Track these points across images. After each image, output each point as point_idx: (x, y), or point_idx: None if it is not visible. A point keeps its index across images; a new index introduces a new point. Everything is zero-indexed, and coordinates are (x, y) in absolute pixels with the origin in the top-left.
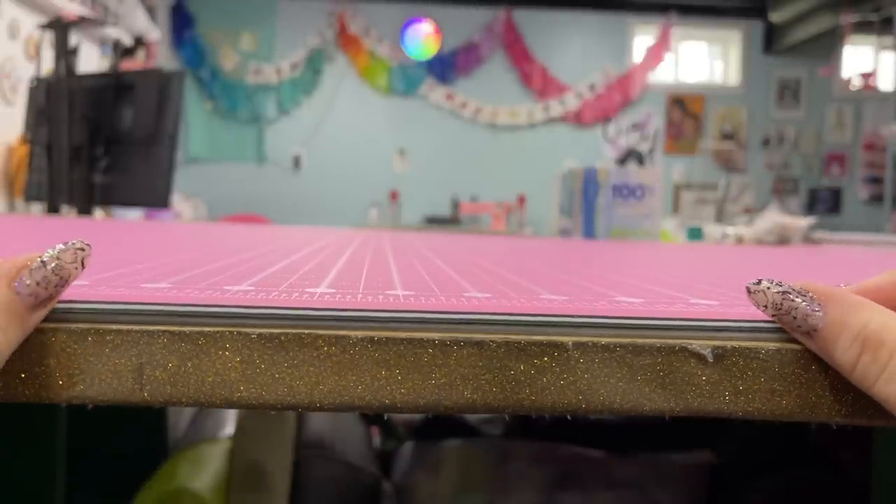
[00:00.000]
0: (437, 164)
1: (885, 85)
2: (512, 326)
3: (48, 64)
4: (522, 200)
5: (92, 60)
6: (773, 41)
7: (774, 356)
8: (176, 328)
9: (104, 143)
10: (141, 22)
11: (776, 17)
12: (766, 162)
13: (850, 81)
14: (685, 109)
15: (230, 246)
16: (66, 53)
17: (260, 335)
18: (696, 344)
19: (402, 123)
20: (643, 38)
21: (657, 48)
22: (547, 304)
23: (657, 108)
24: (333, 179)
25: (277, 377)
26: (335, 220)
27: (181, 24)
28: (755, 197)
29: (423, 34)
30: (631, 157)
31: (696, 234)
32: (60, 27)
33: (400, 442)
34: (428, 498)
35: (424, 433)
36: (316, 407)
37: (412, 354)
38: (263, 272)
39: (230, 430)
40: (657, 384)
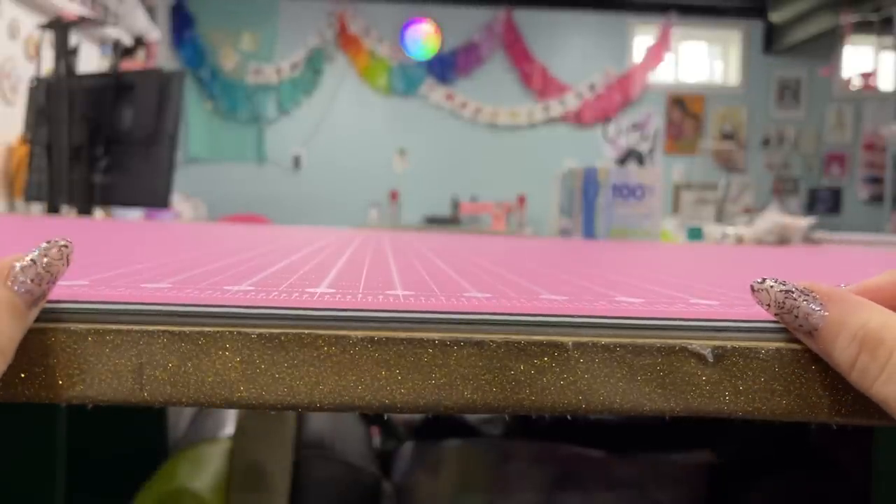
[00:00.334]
0: (437, 164)
1: (885, 85)
2: (512, 326)
3: (48, 64)
4: (522, 200)
5: (92, 60)
6: (773, 41)
7: (774, 356)
8: (176, 328)
9: (104, 143)
10: (141, 22)
11: (776, 17)
12: (766, 162)
13: (850, 81)
14: (685, 109)
15: (230, 246)
16: (66, 53)
17: (260, 335)
18: (696, 344)
19: (402, 123)
20: (643, 38)
21: (657, 48)
22: (547, 304)
23: (657, 108)
24: (333, 179)
25: (277, 377)
26: (335, 220)
27: (181, 24)
28: (755, 197)
29: (423, 34)
30: (631, 157)
31: (696, 234)
32: (60, 27)
33: (400, 442)
34: (428, 498)
35: (424, 433)
36: (316, 407)
37: (412, 354)
38: (263, 272)
39: (230, 430)
40: (657, 384)
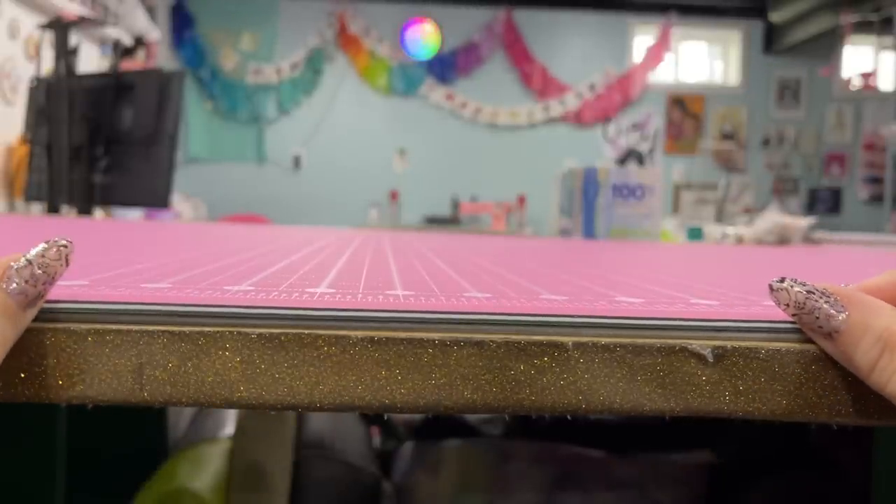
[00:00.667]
0: (437, 164)
1: (885, 85)
2: (512, 326)
3: (48, 64)
4: (522, 200)
5: (92, 60)
6: (773, 41)
7: (774, 356)
8: (176, 328)
9: (104, 143)
10: (141, 22)
11: (776, 17)
12: (766, 162)
13: (850, 81)
14: (685, 109)
15: (230, 246)
16: (66, 53)
17: (260, 335)
18: (696, 344)
19: (402, 123)
20: (643, 38)
21: (657, 48)
22: (547, 304)
23: (657, 108)
24: (333, 179)
25: (277, 377)
26: (335, 220)
27: (181, 24)
28: (755, 197)
29: (423, 34)
30: (631, 157)
31: (696, 234)
32: (60, 27)
33: (400, 442)
34: (428, 498)
35: (424, 433)
36: (316, 407)
37: (412, 354)
38: (263, 272)
39: (230, 430)
40: (657, 384)
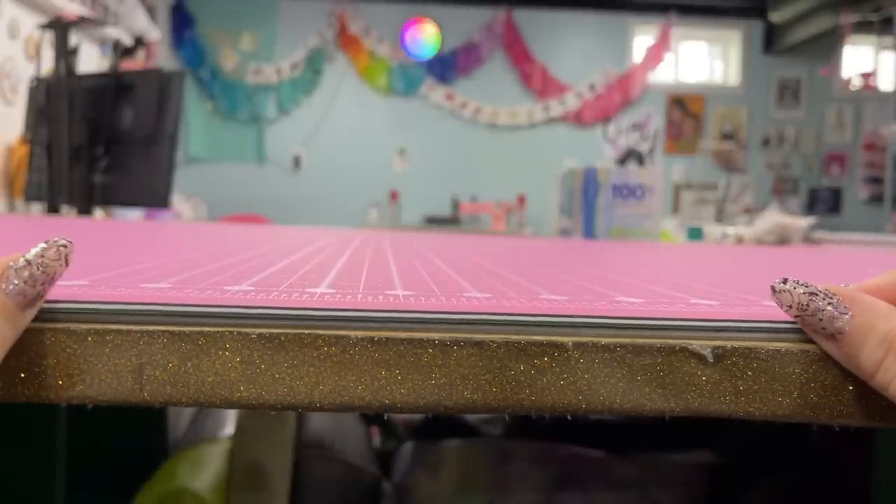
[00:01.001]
0: (437, 164)
1: (885, 85)
2: (512, 326)
3: (48, 64)
4: (522, 200)
5: (92, 60)
6: (773, 41)
7: (774, 356)
8: (176, 328)
9: (104, 143)
10: (141, 22)
11: (776, 17)
12: (766, 162)
13: (850, 81)
14: (685, 109)
15: (230, 246)
16: (66, 53)
17: (260, 335)
18: (696, 344)
19: (402, 123)
20: (643, 38)
21: (657, 48)
22: (547, 304)
23: (657, 108)
24: (333, 179)
25: (277, 377)
26: (335, 220)
27: (181, 24)
28: (755, 197)
29: (423, 34)
30: (631, 157)
31: (696, 234)
32: (60, 27)
33: (400, 442)
34: (428, 498)
35: (424, 433)
36: (316, 407)
37: (412, 354)
38: (263, 272)
39: (230, 430)
40: (657, 384)
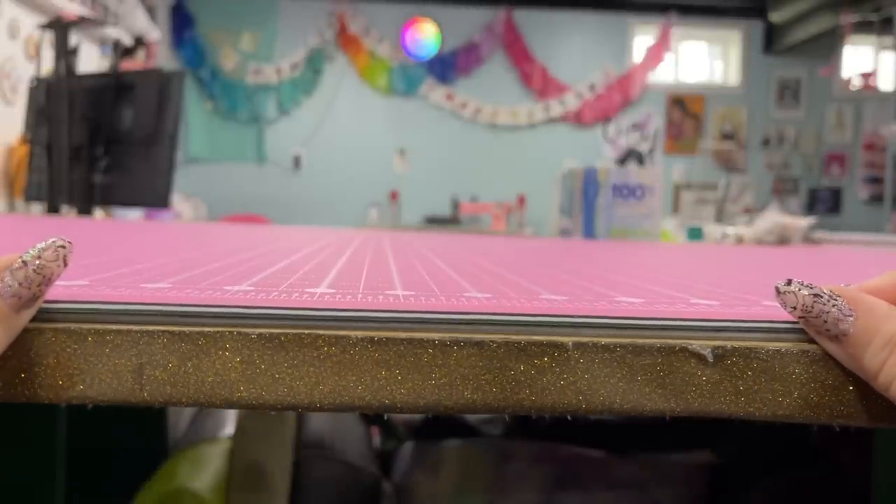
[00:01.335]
0: (437, 164)
1: (885, 85)
2: (512, 326)
3: (48, 64)
4: (522, 200)
5: (92, 60)
6: (773, 41)
7: (774, 356)
8: (176, 328)
9: (104, 143)
10: (141, 22)
11: (776, 17)
12: (766, 162)
13: (850, 81)
14: (685, 109)
15: (230, 246)
16: (66, 53)
17: (260, 335)
18: (696, 344)
19: (402, 123)
20: (643, 38)
21: (657, 48)
22: (547, 304)
23: (657, 108)
24: (333, 179)
25: (277, 377)
26: (335, 220)
27: (181, 24)
28: (755, 197)
29: (423, 34)
30: (631, 157)
31: (696, 234)
32: (60, 27)
33: (400, 442)
34: (428, 498)
35: (424, 433)
36: (316, 407)
37: (412, 354)
38: (263, 272)
39: (230, 430)
40: (657, 384)
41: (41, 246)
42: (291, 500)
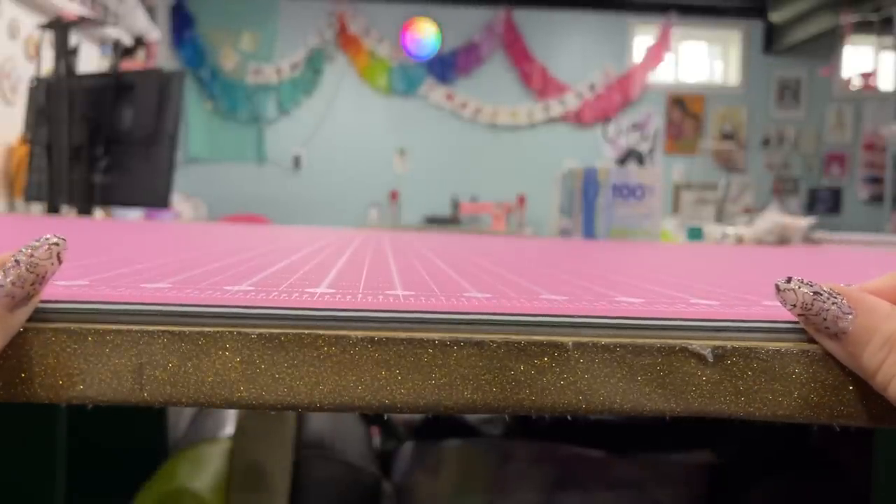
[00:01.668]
0: (437, 164)
1: (885, 85)
2: (512, 326)
3: (48, 64)
4: (522, 200)
5: (92, 60)
6: (773, 41)
7: (774, 356)
8: (176, 328)
9: (104, 143)
10: (141, 22)
11: (776, 17)
12: (766, 162)
13: (850, 81)
14: (685, 109)
15: (230, 246)
16: (66, 53)
17: (260, 335)
18: (696, 344)
19: (402, 123)
20: (643, 38)
21: (657, 48)
22: (547, 304)
23: (657, 108)
24: (333, 179)
25: (277, 377)
26: (335, 220)
27: (181, 24)
28: (755, 197)
29: (423, 34)
30: (631, 157)
31: (696, 234)
32: (60, 27)
33: (400, 442)
34: (428, 498)
35: (424, 433)
36: (316, 407)
37: (412, 354)
38: (263, 272)
39: (230, 430)
40: (657, 384)
41: (34, 244)
42: (291, 500)
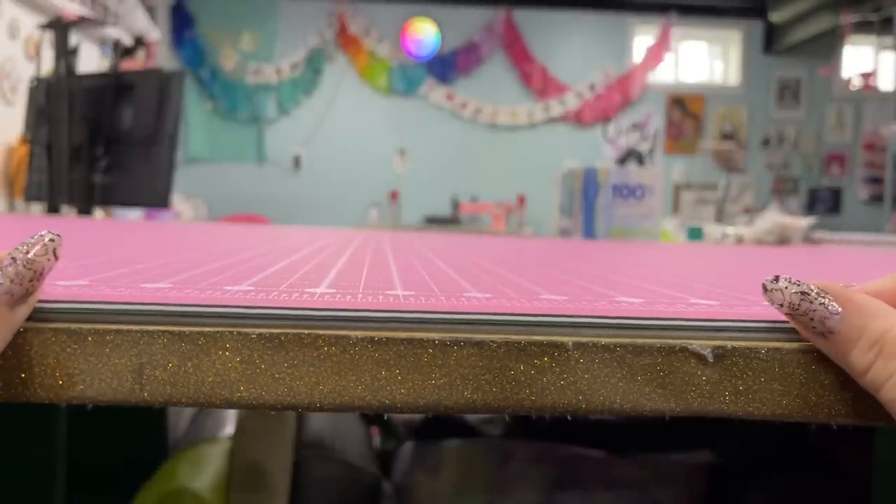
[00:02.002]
0: (437, 164)
1: (885, 85)
2: (512, 326)
3: (48, 64)
4: (522, 200)
5: (92, 60)
6: (773, 41)
7: (774, 356)
8: (176, 328)
9: (104, 143)
10: (141, 22)
11: (776, 17)
12: (766, 162)
13: (850, 81)
14: (685, 109)
15: (230, 246)
16: (66, 53)
17: (260, 335)
18: (696, 344)
19: (402, 123)
20: (643, 38)
21: (657, 48)
22: (547, 304)
23: (657, 108)
24: (333, 179)
25: (277, 377)
26: (335, 220)
27: (181, 24)
28: (755, 197)
29: (423, 33)
30: (631, 157)
31: (696, 234)
32: (60, 27)
33: (400, 442)
34: (428, 498)
35: (424, 433)
36: (316, 407)
37: (412, 354)
38: (263, 272)
39: (230, 430)
40: (657, 384)
41: (30, 241)
42: (291, 500)
